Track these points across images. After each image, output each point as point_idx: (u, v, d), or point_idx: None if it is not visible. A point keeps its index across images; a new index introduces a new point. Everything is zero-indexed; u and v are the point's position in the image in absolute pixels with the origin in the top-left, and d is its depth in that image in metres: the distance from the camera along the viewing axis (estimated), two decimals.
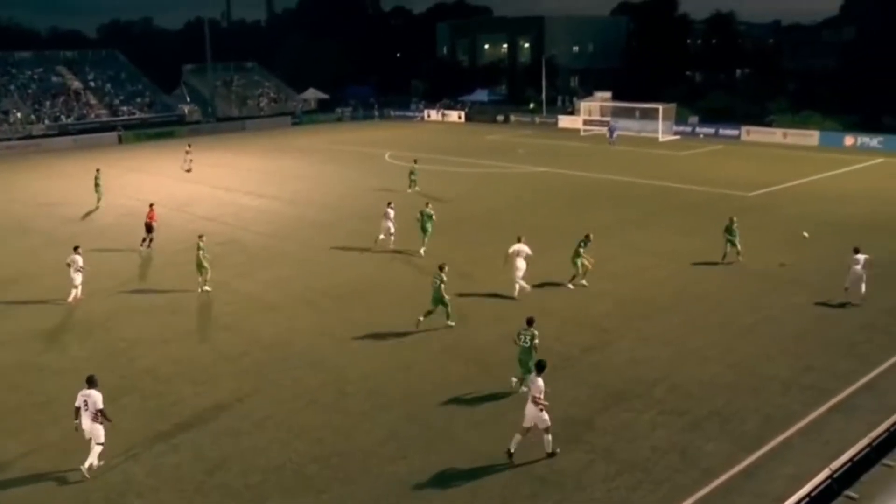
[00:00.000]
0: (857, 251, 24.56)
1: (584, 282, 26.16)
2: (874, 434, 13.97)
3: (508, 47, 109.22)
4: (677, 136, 67.55)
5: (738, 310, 23.83)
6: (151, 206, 33.05)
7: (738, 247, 28.66)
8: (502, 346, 21.10)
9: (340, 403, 18.12)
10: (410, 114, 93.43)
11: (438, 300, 22.45)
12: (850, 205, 38.93)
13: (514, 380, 18.35)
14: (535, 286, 25.91)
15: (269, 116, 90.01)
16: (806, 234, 30.27)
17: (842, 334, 21.72)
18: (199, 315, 24.65)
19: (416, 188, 43.00)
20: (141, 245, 32.35)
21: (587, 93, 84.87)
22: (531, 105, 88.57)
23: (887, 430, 14.13)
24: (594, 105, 76.17)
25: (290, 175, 51.60)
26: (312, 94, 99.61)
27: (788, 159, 54.62)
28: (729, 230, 28.82)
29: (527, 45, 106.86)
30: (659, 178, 46.49)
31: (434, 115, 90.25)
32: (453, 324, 22.68)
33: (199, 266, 26.34)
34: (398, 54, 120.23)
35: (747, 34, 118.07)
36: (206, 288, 26.39)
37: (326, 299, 25.82)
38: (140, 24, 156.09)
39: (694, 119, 71.69)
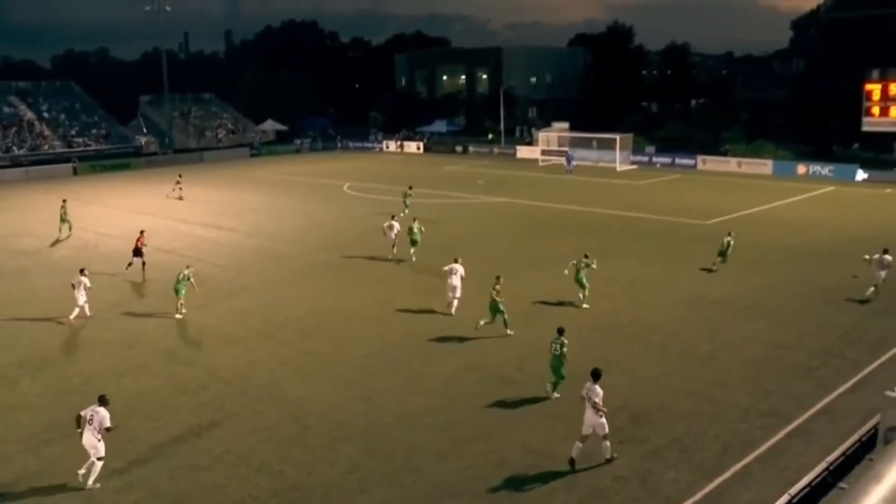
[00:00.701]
0: (885, 252, 27.71)
1: (585, 305, 27.10)
2: (831, 458, 14.09)
3: (467, 78, 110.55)
4: (634, 166, 68.51)
5: (696, 337, 24.07)
6: (142, 232, 34.22)
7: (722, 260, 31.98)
8: (464, 376, 21.12)
9: (301, 436, 17.92)
10: (369, 145, 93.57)
11: (496, 310, 24.13)
12: (804, 232, 39.68)
13: (549, 384, 19.63)
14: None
15: (227, 148, 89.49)
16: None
17: (799, 360, 22.02)
18: (157, 348, 24.29)
19: (407, 211, 43.58)
20: (127, 268, 33.01)
21: (545, 123, 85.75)
22: (490, 136, 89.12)
23: (843, 454, 14.27)
24: (552, 135, 76.96)
25: (249, 207, 51.31)
26: (271, 126, 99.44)
27: (743, 188, 55.59)
28: (723, 253, 31.95)
29: (485, 76, 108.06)
30: (617, 208, 47.01)
31: (393, 146, 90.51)
32: (511, 332, 24.15)
33: (177, 291, 27.17)
34: (357, 85, 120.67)
35: (702, 65, 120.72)
36: (180, 314, 27.06)
37: (286, 331, 25.62)
38: (96, 55, 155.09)
39: (651, 149, 72.69)
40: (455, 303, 26.85)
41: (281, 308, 28.15)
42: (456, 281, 26.70)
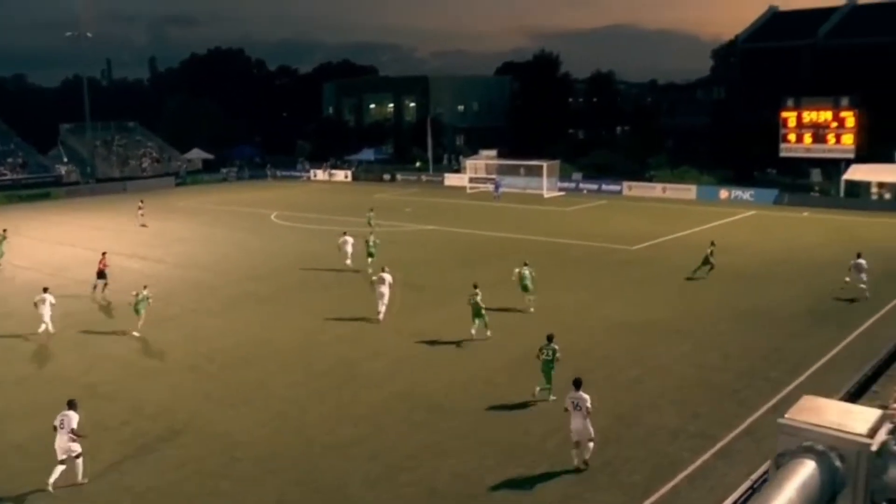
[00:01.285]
0: (859, 255, 31.67)
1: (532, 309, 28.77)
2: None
3: (394, 107, 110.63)
4: (562, 193, 69.09)
5: (624, 362, 24.32)
6: (104, 254, 34.80)
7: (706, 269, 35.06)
8: (393, 404, 20.95)
9: (228, 470, 17.52)
10: (297, 174, 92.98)
11: (478, 314, 25.91)
12: (727, 255, 40.35)
13: (538, 389, 20.90)
14: (426, 342, 25.98)
15: (151, 177, 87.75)
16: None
17: (724, 381, 22.43)
18: (77, 383, 23.46)
19: (371, 228, 45.25)
20: (92, 291, 33.71)
21: (473, 151, 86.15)
22: (417, 164, 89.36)
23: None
24: (480, 163, 77.39)
25: (174, 237, 50.35)
26: (197, 155, 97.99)
27: (669, 213, 56.64)
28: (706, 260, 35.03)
29: (412, 104, 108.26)
30: (545, 234, 47.28)
31: (321, 174, 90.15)
32: (490, 333, 26.13)
33: (137, 311, 28.07)
34: (284, 114, 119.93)
35: (627, 93, 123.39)
36: (136, 333, 27.81)
37: (213, 363, 25.09)
38: (12, 81, 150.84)
39: (578, 175, 73.53)
40: (383, 309, 28.85)
41: (207, 339, 27.60)
42: (384, 289, 28.83)
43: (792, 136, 63.13)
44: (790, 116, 63.12)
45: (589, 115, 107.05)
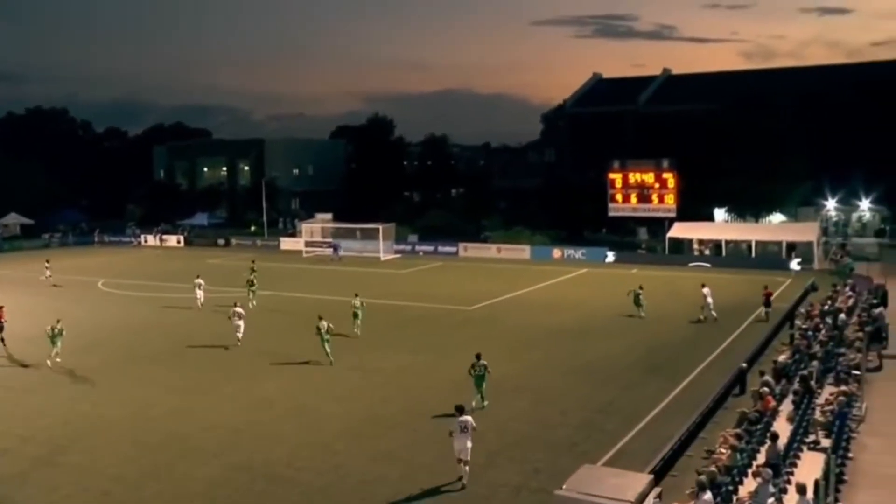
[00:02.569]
0: (703, 286, 38.91)
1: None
2: None
3: (228, 170, 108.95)
4: (398, 255, 69.55)
5: None
6: (0, 307, 36.00)
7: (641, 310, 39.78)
8: (231, 476, 20.04)
9: None
10: (126, 239, 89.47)
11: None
12: (561, 313, 41.74)
13: (473, 403, 24.39)
14: (263, 410, 25.23)
15: None
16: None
17: (563, 435, 22.85)
18: None
19: (255, 283, 46.91)
20: None
21: (308, 214, 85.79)
22: (252, 228, 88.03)
23: None
24: (316, 226, 77.05)
25: None
26: (14, 220, 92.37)
27: (504, 273, 57.75)
28: (636, 300, 39.98)
29: (247, 167, 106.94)
30: (383, 297, 46.92)
31: (152, 239, 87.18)
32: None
33: (53, 342, 31.87)
34: (112, 178, 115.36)
35: (460, 155, 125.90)
36: (54, 361, 31.54)
37: (33, 444, 23.20)
38: None
39: (413, 237, 74.23)
40: (240, 335, 34.40)
41: (25, 418, 25.58)
42: (238, 321, 34.49)
43: (619, 196, 66.50)
44: (616, 177, 66.57)
45: (424, 177, 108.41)
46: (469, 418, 19.48)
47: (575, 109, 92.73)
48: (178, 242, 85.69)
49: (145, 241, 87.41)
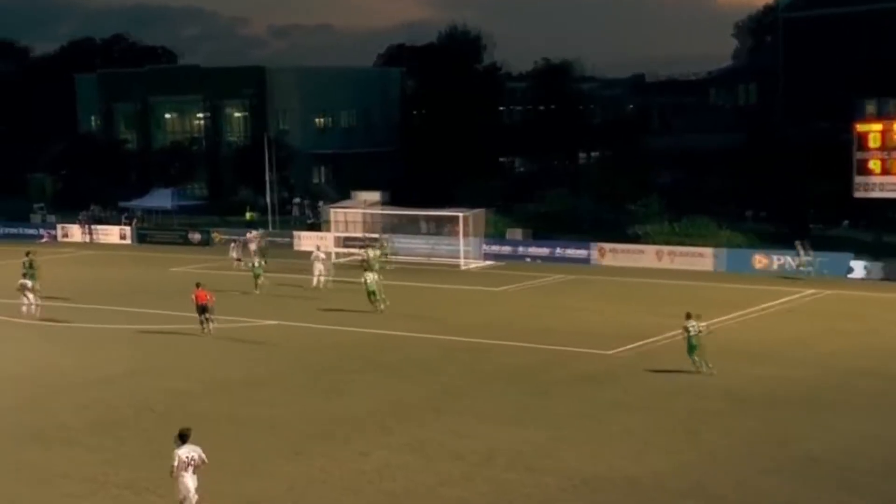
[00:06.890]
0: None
1: None
2: None
3: (208, 119, 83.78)
4: (490, 262, 52.00)
5: None
6: None
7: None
8: None
9: None
10: (31, 231, 67.39)
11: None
12: (767, 366, 30.05)
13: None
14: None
15: None
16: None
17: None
18: None
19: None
20: None
21: (342, 194, 65.44)
22: (248, 215, 67.26)
23: None
24: (354, 212, 57.07)
25: None
26: None
27: (670, 293, 42.99)
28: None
29: (238, 114, 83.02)
30: (461, 332, 35.77)
31: (76, 232, 65.41)
32: None
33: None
34: (7, 125, 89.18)
35: (597, 95, 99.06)
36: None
37: None
38: None
39: (517, 232, 56.16)
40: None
41: None
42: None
43: (875, 164, 46.39)
44: (871, 131, 46.40)
45: (534, 132, 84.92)
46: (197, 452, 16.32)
47: (794, 14, 71.92)
48: (123, 237, 64.61)
49: (64, 236, 65.80)
